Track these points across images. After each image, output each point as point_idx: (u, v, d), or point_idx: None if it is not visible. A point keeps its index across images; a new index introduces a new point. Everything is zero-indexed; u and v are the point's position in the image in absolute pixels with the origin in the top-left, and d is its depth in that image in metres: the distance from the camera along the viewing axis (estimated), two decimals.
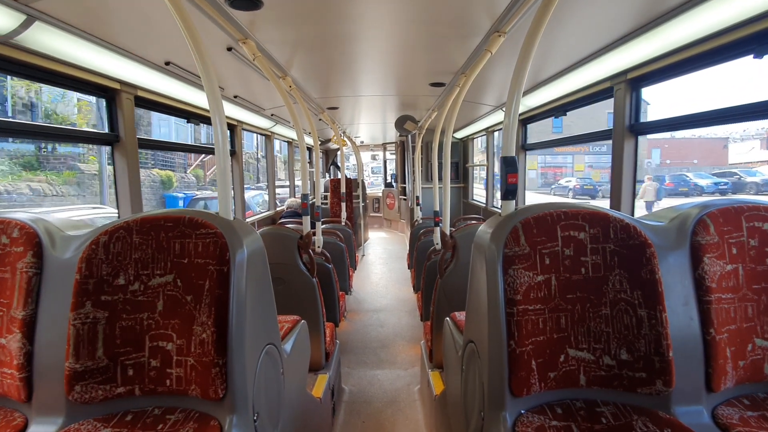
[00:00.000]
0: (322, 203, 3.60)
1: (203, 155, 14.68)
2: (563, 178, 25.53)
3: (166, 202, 12.16)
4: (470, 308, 1.42)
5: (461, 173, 6.57)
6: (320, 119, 4.74)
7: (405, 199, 8.53)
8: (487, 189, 5.35)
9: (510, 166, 1.34)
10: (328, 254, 3.13)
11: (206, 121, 3.22)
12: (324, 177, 9.04)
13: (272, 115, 4.41)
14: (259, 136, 5.18)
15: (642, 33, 1.79)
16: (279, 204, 5.71)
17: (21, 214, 1.31)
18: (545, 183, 26.52)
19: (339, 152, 7.46)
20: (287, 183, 6.76)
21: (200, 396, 1.16)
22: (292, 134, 5.86)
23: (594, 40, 2.02)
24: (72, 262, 1.22)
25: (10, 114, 8.84)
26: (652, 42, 1.81)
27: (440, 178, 3.49)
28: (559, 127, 21.48)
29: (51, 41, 1.65)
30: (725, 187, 17.35)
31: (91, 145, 9.83)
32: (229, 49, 2.17)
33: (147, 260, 1.21)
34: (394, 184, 10.30)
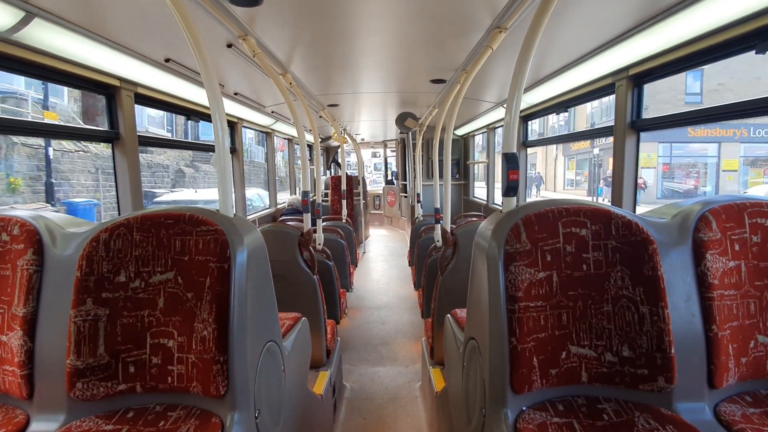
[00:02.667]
0: (322, 200, 3.60)
1: None
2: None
3: None
4: (471, 305, 1.41)
5: (462, 170, 6.56)
6: (321, 116, 4.73)
7: (406, 197, 8.52)
8: (487, 186, 5.34)
9: (511, 162, 1.34)
10: (328, 251, 3.13)
11: (206, 118, 3.21)
12: (324, 174, 9.04)
13: (272, 112, 4.40)
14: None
15: (644, 29, 1.78)
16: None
17: (21, 212, 1.31)
18: (675, 189, 15.99)
19: (339, 149, 7.46)
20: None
21: (201, 393, 1.16)
22: (292, 131, 5.85)
23: (595, 36, 2.01)
24: (73, 260, 1.21)
25: None
26: (654, 38, 1.79)
27: (441, 176, 3.49)
28: (697, 94, 14.40)
29: (50, 38, 1.65)
30: None
31: None
32: (229, 45, 2.16)
33: (148, 257, 1.21)
34: (394, 181, 10.29)
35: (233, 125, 4.00)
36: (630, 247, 1.19)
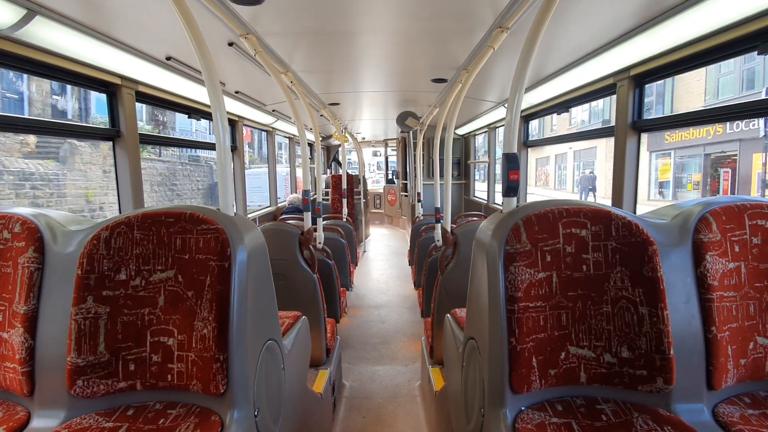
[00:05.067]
0: (323, 199, 3.61)
1: None
2: None
3: None
4: (471, 305, 1.42)
5: (463, 170, 6.56)
6: (321, 115, 4.73)
7: (406, 196, 8.52)
8: (488, 186, 5.34)
9: (512, 162, 1.34)
10: (329, 250, 3.13)
11: (207, 116, 3.21)
12: (325, 173, 9.04)
13: (273, 110, 4.41)
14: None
15: (645, 29, 1.77)
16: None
17: (22, 209, 1.31)
18: None
19: (340, 148, 7.46)
20: None
21: (201, 391, 1.16)
22: (293, 130, 5.85)
23: (597, 37, 2.01)
24: (73, 257, 1.22)
25: None
26: (656, 38, 1.79)
27: (441, 175, 3.49)
28: None
29: (52, 36, 1.65)
30: None
31: None
32: (231, 44, 2.16)
33: (148, 255, 1.21)
34: (395, 180, 10.29)
35: (234, 123, 4.00)
36: (630, 248, 1.19)
